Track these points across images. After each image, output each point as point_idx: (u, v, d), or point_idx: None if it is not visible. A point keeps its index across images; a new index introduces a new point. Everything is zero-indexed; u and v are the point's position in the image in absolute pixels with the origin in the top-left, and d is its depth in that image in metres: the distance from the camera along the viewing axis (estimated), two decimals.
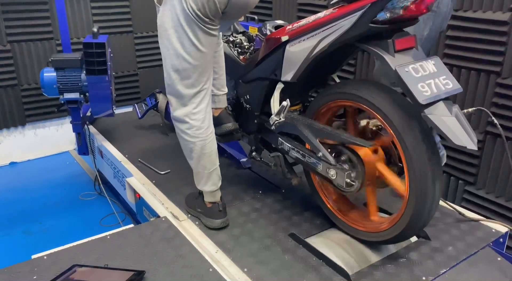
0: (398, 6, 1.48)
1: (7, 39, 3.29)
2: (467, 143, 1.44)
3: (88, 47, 2.52)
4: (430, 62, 1.56)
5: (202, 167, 1.94)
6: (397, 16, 1.50)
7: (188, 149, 1.94)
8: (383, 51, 1.55)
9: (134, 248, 1.81)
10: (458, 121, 1.47)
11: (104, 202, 2.99)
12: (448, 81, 1.53)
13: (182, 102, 1.86)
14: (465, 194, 2.65)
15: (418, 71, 1.51)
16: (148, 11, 3.85)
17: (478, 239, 1.92)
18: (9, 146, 3.57)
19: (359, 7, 1.53)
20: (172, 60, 1.78)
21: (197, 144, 1.89)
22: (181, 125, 1.90)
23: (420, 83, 1.48)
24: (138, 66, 3.97)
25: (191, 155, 1.94)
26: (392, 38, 1.54)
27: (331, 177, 1.78)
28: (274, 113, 1.91)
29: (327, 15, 1.65)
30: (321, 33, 1.67)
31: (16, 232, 2.75)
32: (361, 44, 1.62)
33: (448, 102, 1.51)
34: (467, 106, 2.53)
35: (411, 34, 1.60)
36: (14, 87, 3.42)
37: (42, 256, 1.76)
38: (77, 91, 2.66)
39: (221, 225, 1.98)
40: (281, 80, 1.90)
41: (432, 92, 1.48)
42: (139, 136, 3.09)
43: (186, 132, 1.89)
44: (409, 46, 1.58)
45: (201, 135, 1.89)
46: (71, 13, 3.50)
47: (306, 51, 1.74)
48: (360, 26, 1.55)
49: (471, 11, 2.41)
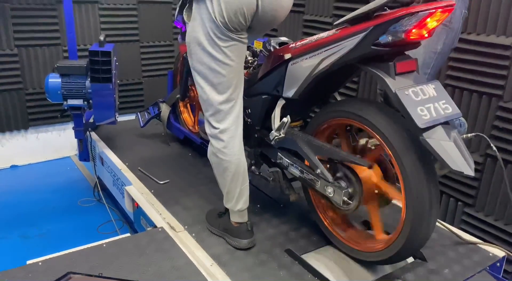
0: (400, 30, 1.50)
1: (14, 43, 3.33)
2: (464, 168, 1.44)
3: (94, 55, 2.55)
4: (431, 86, 1.56)
5: (235, 185, 1.88)
6: (399, 40, 1.52)
7: (222, 168, 1.86)
8: (384, 73, 1.56)
9: (130, 258, 1.81)
10: (456, 146, 1.47)
11: (102, 209, 2.99)
12: (447, 105, 1.54)
13: (218, 118, 1.81)
14: (464, 216, 2.64)
15: (418, 94, 1.52)
16: (155, 21, 3.90)
17: (475, 262, 1.91)
18: (11, 149, 3.59)
19: (362, 29, 1.55)
20: (206, 75, 1.76)
21: (233, 161, 1.83)
22: (218, 144, 1.83)
23: (420, 106, 1.49)
24: (143, 74, 4.00)
25: (224, 174, 1.87)
26: (393, 61, 1.55)
27: (329, 194, 1.78)
28: (275, 129, 1.92)
29: (330, 36, 1.67)
30: (323, 52, 1.69)
31: (13, 235, 2.74)
32: (362, 66, 1.64)
33: (447, 126, 1.51)
34: (468, 126, 2.54)
35: (412, 58, 1.61)
36: (19, 91, 3.44)
37: (37, 262, 1.76)
38: (81, 98, 2.68)
39: (249, 245, 1.94)
40: (283, 96, 1.92)
41: (431, 116, 1.48)
42: (140, 145, 3.10)
43: (222, 151, 1.83)
44: (410, 70, 1.59)
45: (237, 153, 1.84)
46: (79, 20, 3.54)
47: (308, 69, 1.75)
48: (362, 47, 1.57)
49: (474, 34, 2.44)
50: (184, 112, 3.11)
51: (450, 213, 2.72)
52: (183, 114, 3.11)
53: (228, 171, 1.85)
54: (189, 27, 1.78)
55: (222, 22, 1.67)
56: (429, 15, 1.46)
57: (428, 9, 1.45)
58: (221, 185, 1.95)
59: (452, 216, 2.71)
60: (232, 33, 1.70)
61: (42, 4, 3.35)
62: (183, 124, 3.10)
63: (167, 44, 4.05)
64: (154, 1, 3.86)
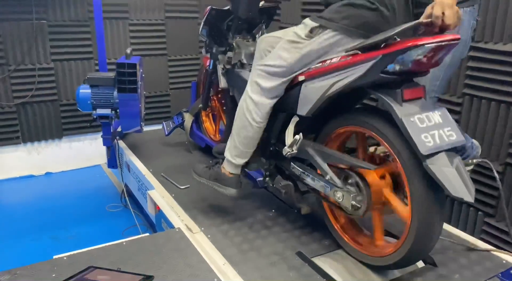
0: (407, 60, 1.54)
1: (51, 58, 3.56)
2: (464, 195, 1.46)
3: (121, 67, 2.70)
4: (437, 113, 1.59)
5: (243, 143, 2.05)
6: (406, 69, 1.56)
7: (246, 121, 2.02)
8: (392, 99, 1.60)
9: (147, 255, 1.91)
10: (458, 173, 1.49)
11: (128, 214, 3.11)
12: (452, 133, 1.56)
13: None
14: (485, 226, 2.61)
15: (423, 121, 1.55)
16: (182, 36, 4.07)
17: (486, 269, 1.90)
18: (46, 157, 3.81)
19: (371, 57, 1.60)
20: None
21: (255, 126, 2.01)
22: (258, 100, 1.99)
23: (424, 133, 1.52)
24: (170, 87, 4.17)
25: (243, 125, 2.03)
26: (401, 87, 1.59)
27: (338, 199, 1.83)
28: (288, 145, 2.00)
29: (341, 61, 1.72)
30: (335, 76, 1.74)
31: (44, 237, 2.91)
32: (371, 91, 1.69)
33: (450, 153, 1.53)
34: (487, 135, 2.53)
35: (420, 85, 1.65)
36: (54, 103, 3.67)
37: (62, 257, 1.89)
38: (109, 107, 2.84)
39: (237, 195, 2.12)
40: (297, 114, 2.00)
41: (435, 143, 1.51)
42: (165, 152, 3.23)
43: (256, 110, 1.99)
44: (417, 97, 1.63)
45: (264, 122, 2.02)
46: (110, 35, 3.75)
47: (321, 90, 1.81)
48: (371, 74, 1.62)
49: (492, 43, 2.45)
50: (206, 121, 3.23)
51: (471, 223, 2.69)
52: (205, 123, 3.23)
53: (247, 128, 2.02)
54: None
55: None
56: (435, 47, 1.50)
57: (434, 42, 1.49)
58: (234, 135, 2.08)
59: (472, 226, 2.68)
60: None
61: (77, 20, 3.58)
62: (204, 133, 3.21)
63: (193, 58, 4.21)
64: (181, 17, 4.04)
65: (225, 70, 2.56)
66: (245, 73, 2.37)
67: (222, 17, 2.65)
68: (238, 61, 2.45)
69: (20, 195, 3.50)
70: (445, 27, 1.52)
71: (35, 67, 3.51)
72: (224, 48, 2.59)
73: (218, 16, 2.65)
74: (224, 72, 2.57)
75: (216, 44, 2.69)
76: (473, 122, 2.61)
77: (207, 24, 2.68)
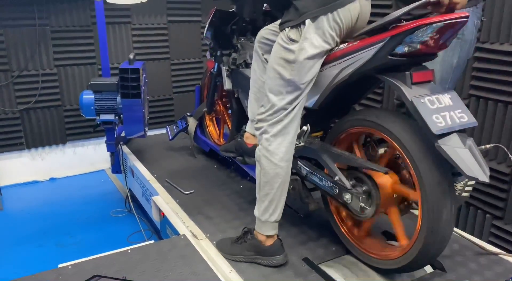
0: (416, 40, 1.53)
1: (54, 63, 3.56)
2: (479, 174, 1.44)
3: (124, 72, 2.69)
4: (447, 95, 1.58)
5: (281, 193, 1.84)
6: (415, 50, 1.55)
7: (273, 174, 1.81)
8: (401, 82, 1.59)
9: (152, 263, 1.89)
10: (471, 153, 1.48)
11: (133, 219, 3.10)
12: (463, 114, 1.55)
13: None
14: (493, 228, 2.58)
15: (434, 103, 1.54)
16: (185, 39, 4.06)
17: (497, 273, 1.87)
18: (50, 163, 3.80)
19: (379, 40, 1.60)
20: None
21: (285, 168, 1.81)
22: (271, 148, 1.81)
23: (435, 114, 1.51)
24: (174, 91, 4.16)
25: (274, 180, 1.81)
26: (410, 70, 1.58)
27: (347, 201, 1.81)
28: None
29: (348, 46, 1.72)
30: (342, 63, 1.73)
31: (49, 243, 2.90)
32: (380, 75, 1.68)
33: (462, 134, 1.52)
34: (494, 137, 2.50)
35: (429, 69, 1.64)
36: (58, 108, 3.66)
37: (67, 266, 1.87)
38: (112, 113, 2.82)
39: (287, 258, 1.92)
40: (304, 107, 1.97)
41: (447, 124, 1.50)
42: (169, 157, 3.22)
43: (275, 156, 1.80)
44: (426, 80, 1.61)
45: (289, 159, 1.84)
46: (113, 40, 3.74)
47: (328, 79, 1.80)
48: (379, 58, 1.61)
49: (498, 44, 2.42)
50: (210, 125, 3.22)
51: (479, 225, 2.66)
52: (209, 127, 3.21)
53: (278, 177, 1.81)
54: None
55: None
56: (444, 26, 1.49)
57: (442, 20, 1.48)
58: (263, 193, 1.85)
59: (480, 229, 2.66)
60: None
61: (79, 26, 3.58)
62: (209, 137, 3.20)
63: (196, 61, 4.20)
64: (184, 21, 4.03)
65: (230, 71, 2.55)
66: (250, 72, 2.36)
67: (227, 19, 2.64)
68: (243, 61, 2.45)
69: (24, 201, 3.49)
70: (453, 6, 1.50)
71: (38, 73, 3.51)
72: (229, 51, 2.59)
73: (223, 18, 2.65)
74: (229, 74, 2.56)
75: (221, 46, 2.68)
76: (479, 124, 2.58)
77: (212, 25, 2.68)
